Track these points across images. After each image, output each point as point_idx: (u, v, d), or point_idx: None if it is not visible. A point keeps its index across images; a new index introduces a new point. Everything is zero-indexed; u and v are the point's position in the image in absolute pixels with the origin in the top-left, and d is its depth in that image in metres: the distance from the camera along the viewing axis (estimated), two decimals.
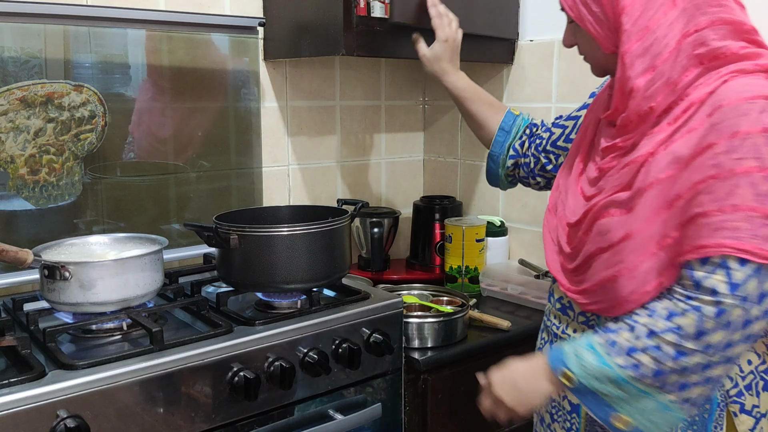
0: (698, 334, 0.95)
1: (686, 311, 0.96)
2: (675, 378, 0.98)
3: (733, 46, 1.00)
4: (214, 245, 1.37)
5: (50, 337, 1.18)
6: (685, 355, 0.96)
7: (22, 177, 1.50)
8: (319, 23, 1.64)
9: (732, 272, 0.94)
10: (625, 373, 0.99)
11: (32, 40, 1.47)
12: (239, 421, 1.23)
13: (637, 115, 1.06)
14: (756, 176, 0.92)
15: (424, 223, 2.02)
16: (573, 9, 1.11)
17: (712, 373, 0.98)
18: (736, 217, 0.93)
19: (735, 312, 0.93)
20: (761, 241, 0.92)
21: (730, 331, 0.94)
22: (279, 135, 1.92)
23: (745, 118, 0.94)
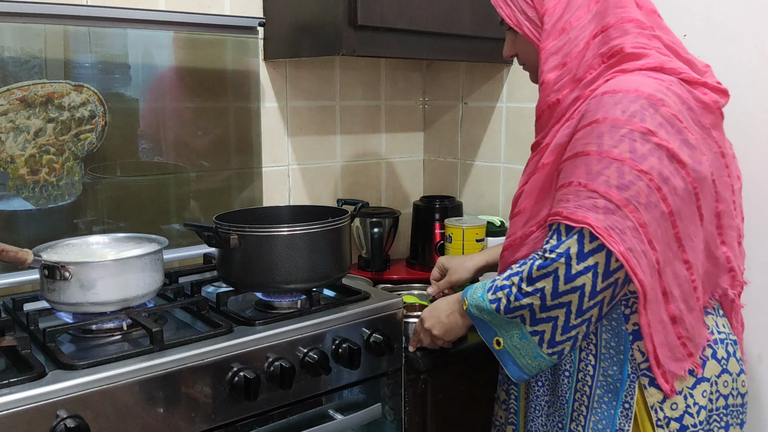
0: (529, 279, 1.14)
1: (527, 261, 1.16)
2: (524, 313, 1.17)
3: (627, 43, 1.14)
4: (214, 245, 1.37)
5: (50, 337, 1.18)
6: (524, 295, 1.15)
7: (22, 177, 1.50)
8: (319, 23, 1.64)
9: (560, 235, 1.12)
10: (490, 305, 1.20)
11: (32, 40, 1.47)
12: (239, 421, 1.23)
13: (546, 105, 1.22)
14: (592, 158, 1.08)
15: (424, 223, 2.02)
16: (511, 18, 1.25)
17: (552, 314, 1.14)
18: (569, 190, 1.11)
19: (555, 265, 1.11)
20: (583, 210, 1.08)
21: (555, 281, 1.11)
22: (279, 135, 1.92)
23: (602, 109, 1.09)
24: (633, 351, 1.16)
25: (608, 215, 1.06)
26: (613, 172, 1.06)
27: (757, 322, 1.60)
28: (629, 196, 1.06)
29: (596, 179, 1.07)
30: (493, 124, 2.06)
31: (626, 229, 1.06)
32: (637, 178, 1.06)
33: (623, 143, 1.06)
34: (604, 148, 1.07)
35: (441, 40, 1.76)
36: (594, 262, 1.09)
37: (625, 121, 1.07)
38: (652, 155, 1.06)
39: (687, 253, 1.12)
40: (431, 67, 2.23)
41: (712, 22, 1.59)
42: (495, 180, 2.07)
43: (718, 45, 1.59)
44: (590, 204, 1.07)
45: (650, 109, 1.07)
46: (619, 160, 1.06)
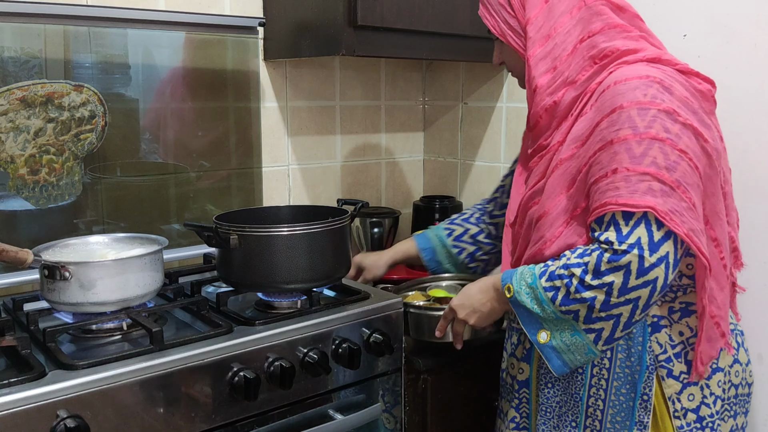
0: (596, 272, 1.08)
1: (591, 252, 1.10)
2: (580, 308, 1.11)
3: (618, 44, 1.17)
4: (214, 245, 1.37)
5: (50, 337, 1.18)
6: (587, 288, 1.09)
7: (22, 177, 1.50)
8: (319, 23, 1.64)
9: (619, 225, 1.07)
10: (545, 294, 1.14)
11: (32, 40, 1.47)
12: (239, 421, 1.23)
13: (543, 110, 1.23)
14: (631, 142, 1.07)
15: (424, 223, 2.02)
16: (495, 28, 1.29)
17: (615, 312, 1.09)
18: (617, 178, 1.07)
19: (627, 258, 1.05)
20: (639, 195, 1.05)
21: (626, 275, 1.05)
22: (279, 135, 1.92)
23: (621, 96, 1.10)
24: (651, 343, 1.16)
25: (666, 198, 1.05)
26: (658, 152, 1.05)
27: (757, 322, 1.60)
28: (679, 177, 1.05)
29: (643, 161, 1.05)
30: (493, 124, 2.06)
31: (683, 210, 1.05)
32: (679, 157, 1.06)
33: (656, 123, 1.06)
34: (639, 129, 1.06)
35: (441, 40, 1.76)
36: (666, 251, 1.05)
37: (649, 102, 1.07)
38: (683, 134, 1.07)
39: (714, 230, 1.13)
40: (431, 67, 2.23)
41: (712, 22, 1.59)
42: (495, 180, 2.07)
43: (718, 45, 1.59)
44: (645, 188, 1.05)
45: (666, 93, 1.09)
46: (659, 140, 1.05)
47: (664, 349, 1.17)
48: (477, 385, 1.54)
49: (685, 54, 1.64)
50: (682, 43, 1.65)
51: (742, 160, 1.57)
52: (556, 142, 1.21)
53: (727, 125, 1.59)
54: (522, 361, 1.33)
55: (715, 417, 1.17)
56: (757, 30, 1.52)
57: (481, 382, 1.52)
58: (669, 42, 1.68)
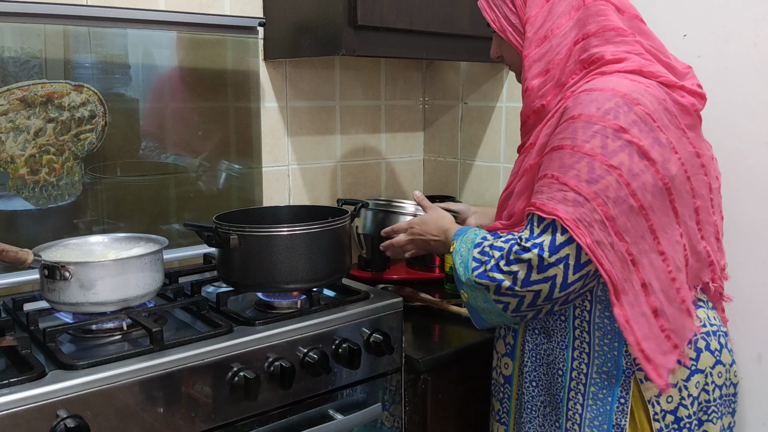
0: (507, 259, 1.16)
1: (508, 240, 1.18)
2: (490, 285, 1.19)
3: (607, 51, 1.18)
4: (214, 245, 1.37)
5: (50, 337, 1.18)
6: (500, 271, 1.17)
7: (22, 177, 1.50)
8: (319, 23, 1.64)
9: (533, 226, 1.15)
10: (471, 263, 1.22)
11: (32, 40, 1.47)
12: (239, 421, 1.23)
13: (532, 111, 1.26)
14: (565, 152, 1.12)
15: None
16: (496, 22, 1.29)
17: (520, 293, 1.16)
18: (543, 183, 1.15)
19: (528, 255, 1.13)
20: (553, 203, 1.12)
21: (528, 269, 1.14)
22: (279, 135, 1.92)
23: (579, 106, 1.13)
24: (627, 346, 1.16)
25: (577, 207, 1.10)
26: (584, 166, 1.10)
27: (757, 322, 1.60)
28: (598, 189, 1.09)
29: (568, 172, 1.11)
30: (493, 124, 2.06)
31: (594, 222, 1.09)
32: (606, 172, 1.09)
33: (595, 139, 1.10)
34: (577, 142, 1.11)
35: (441, 40, 1.76)
36: (565, 254, 1.12)
37: (599, 117, 1.10)
38: (622, 151, 1.09)
39: (662, 245, 1.15)
40: (431, 67, 2.22)
41: (712, 22, 1.59)
42: (495, 180, 2.07)
43: (718, 45, 1.59)
44: (561, 196, 1.11)
45: (624, 107, 1.10)
46: (590, 155, 1.09)
47: None
48: (477, 385, 1.54)
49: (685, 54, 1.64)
50: (682, 43, 1.65)
51: (741, 160, 1.57)
52: (530, 143, 1.24)
53: (727, 125, 1.59)
54: (505, 356, 1.36)
55: (692, 418, 1.18)
56: (757, 30, 1.52)
57: (481, 382, 1.52)
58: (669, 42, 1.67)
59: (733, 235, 1.60)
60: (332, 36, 1.61)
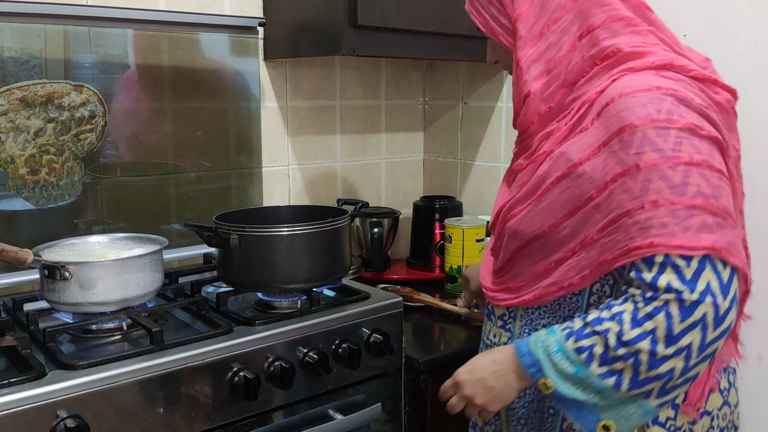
0: (669, 338, 0.90)
1: (652, 314, 0.91)
2: (655, 385, 0.94)
3: (622, 43, 1.02)
4: (214, 245, 1.37)
5: (50, 337, 1.18)
6: (661, 360, 0.91)
7: (22, 177, 1.50)
8: (319, 23, 1.64)
9: (680, 268, 0.90)
10: (604, 383, 0.94)
11: (32, 40, 1.47)
12: (239, 421, 1.23)
13: (537, 116, 1.08)
14: (663, 168, 0.91)
15: (424, 223, 2.02)
16: (485, 25, 1.15)
17: (692, 374, 0.93)
18: (660, 213, 0.91)
19: (703, 309, 0.89)
20: (693, 234, 0.90)
21: (704, 330, 0.89)
22: (279, 135, 1.92)
23: (629, 111, 0.94)
24: None
25: (722, 230, 0.91)
26: (699, 179, 0.91)
27: (757, 322, 1.60)
28: (725, 202, 0.93)
29: (686, 191, 0.90)
30: (493, 124, 2.06)
31: (736, 239, 0.93)
32: (719, 180, 0.93)
33: (684, 144, 0.92)
34: (667, 153, 0.91)
35: (441, 40, 1.76)
36: (734, 292, 0.91)
37: (665, 120, 0.93)
38: (713, 151, 0.94)
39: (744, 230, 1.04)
40: (431, 67, 2.23)
41: (712, 22, 1.59)
42: (495, 180, 2.07)
43: (718, 45, 1.59)
44: (698, 223, 0.90)
45: (681, 105, 0.95)
46: (695, 164, 0.91)
47: None
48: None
49: None
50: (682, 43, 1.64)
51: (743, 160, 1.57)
52: (543, 151, 1.06)
53: None
54: None
55: None
56: (757, 30, 1.52)
57: None
58: None
59: None
60: (332, 36, 1.61)
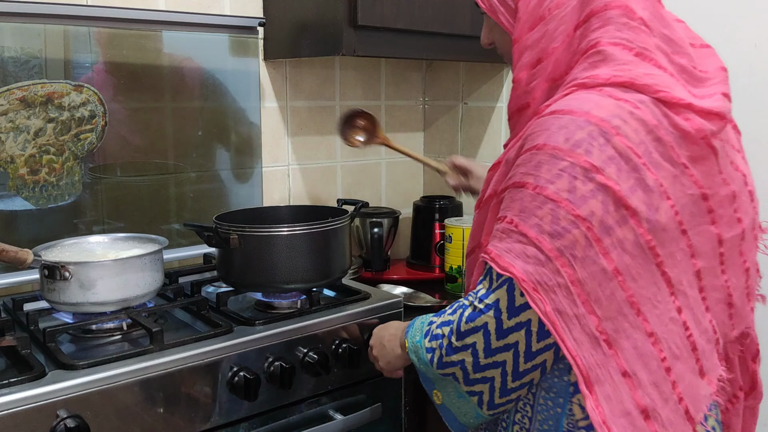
0: (459, 332, 0.99)
1: (456, 309, 1.01)
2: (455, 370, 1.01)
3: (604, 38, 0.94)
4: (214, 245, 1.37)
5: (50, 337, 1.18)
6: (454, 351, 0.99)
7: (22, 177, 1.50)
8: (319, 23, 1.64)
9: (491, 279, 0.96)
10: (426, 355, 1.05)
11: (32, 40, 1.47)
12: (239, 421, 1.23)
13: (516, 108, 1.06)
14: (526, 192, 0.92)
15: (424, 223, 2.02)
16: (484, 2, 1.08)
17: (488, 374, 0.98)
18: (501, 227, 0.95)
19: (484, 319, 0.95)
20: (512, 257, 0.92)
21: (486, 336, 0.96)
22: (279, 135, 1.92)
23: (545, 132, 0.92)
24: (572, 405, 0.97)
25: (537, 267, 0.89)
26: (547, 214, 0.89)
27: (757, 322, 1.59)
28: (562, 246, 0.88)
29: (528, 220, 0.91)
30: (493, 124, 2.06)
31: (556, 286, 0.89)
32: (572, 224, 0.88)
33: (561, 179, 0.88)
34: (540, 182, 0.90)
35: (441, 40, 1.76)
36: (527, 318, 0.93)
37: (567, 151, 0.89)
38: (594, 197, 0.87)
39: (650, 323, 0.91)
40: (431, 67, 2.22)
41: (712, 22, 1.59)
42: None
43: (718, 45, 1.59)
44: (519, 250, 0.91)
45: (600, 139, 0.88)
46: (553, 200, 0.89)
47: (586, 415, 0.94)
48: None
49: None
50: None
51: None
52: (497, 161, 1.05)
53: None
54: None
55: None
56: (757, 30, 1.52)
57: None
58: None
59: None
60: (332, 36, 1.61)
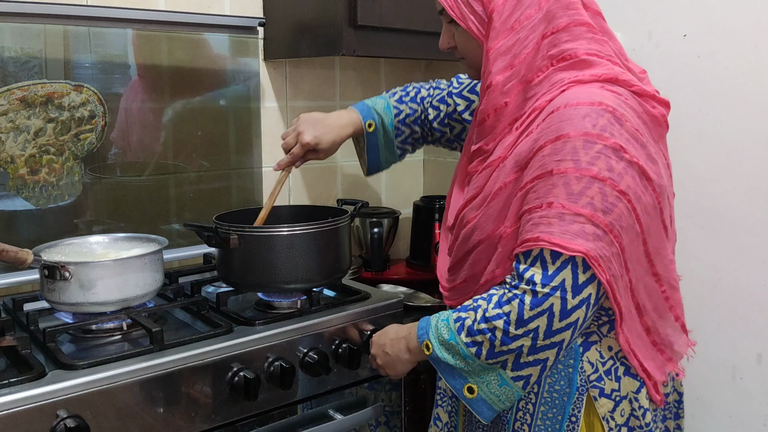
0: (520, 321, 1.04)
1: (511, 300, 1.05)
2: (508, 357, 1.07)
3: (581, 48, 1.08)
4: (214, 245, 1.37)
5: (50, 337, 1.18)
6: (512, 339, 1.05)
7: (22, 177, 1.50)
8: (319, 23, 1.64)
9: (546, 263, 1.03)
10: (468, 350, 1.09)
11: (32, 40, 1.47)
12: (239, 421, 1.23)
13: (493, 109, 1.14)
14: (570, 177, 1.01)
15: (424, 223, 2.02)
16: (454, 9, 1.15)
17: (541, 356, 1.06)
18: (551, 213, 1.02)
19: (550, 300, 1.02)
20: (571, 237, 1.00)
21: (550, 318, 1.02)
22: (279, 135, 1.92)
23: (568, 122, 1.02)
24: (582, 363, 1.11)
25: (597, 242, 1.00)
26: (596, 192, 1.00)
27: (757, 322, 1.60)
28: (613, 219, 1.01)
29: (579, 200, 1.00)
30: None
31: (612, 255, 1.02)
32: (617, 199, 1.01)
33: (600, 160, 1.00)
34: (582, 165, 1.00)
35: None
36: (588, 294, 1.03)
37: (596, 135, 1.01)
38: (627, 174, 1.02)
39: (656, 267, 1.10)
40: (431, 67, 2.22)
41: (712, 22, 1.59)
42: None
43: (718, 45, 1.59)
44: (578, 229, 1.00)
45: (617, 125, 1.02)
46: (600, 179, 1.00)
47: (595, 368, 1.11)
48: None
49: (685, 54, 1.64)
50: (682, 43, 1.65)
51: (741, 160, 1.57)
52: (497, 157, 1.13)
53: (727, 126, 1.59)
54: None
55: (644, 429, 1.12)
56: (757, 30, 1.52)
57: None
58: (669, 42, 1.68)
59: (734, 235, 1.61)
60: (332, 36, 1.61)
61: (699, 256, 1.66)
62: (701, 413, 1.71)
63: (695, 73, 1.63)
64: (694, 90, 1.63)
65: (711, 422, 1.70)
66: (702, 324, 1.69)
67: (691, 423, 1.72)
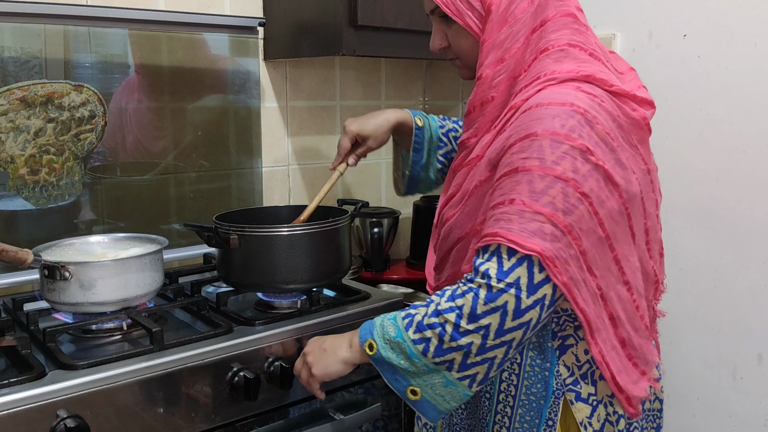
0: (473, 315, 1.00)
1: (465, 293, 1.02)
2: (456, 356, 1.02)
3: (564, 38, 1.07)
4: (214, 245, 1.37)
5: (50, 337, 1.18)
6: (462, 334, 1.00)
7: (22, 177, 1.50)
8: (319, 23, 1.64)
9: (503, 260, 1.00)
10: (415, 347, 1.04)
11: (32, 40, 1.47)
12: (239, 421, 1.23)
13: (480, 102, 1.13)
14: (534, 174, 0.99)
15: (424, 223, 2.02)
16: (450, 6, 1.12)
17: (490, 355, 1.02)
18: (512, 210, 1.00)
19: (504, 297, 0.99)
20: (528, 235, 0.98)
21: (503, 316, 0.99)
22: (279, 135, 1.92)
23: (538, 122, 1.01)
24: (558, 366, 1.10)
25: (555, 242, 0.98)
26: (558, 192, 0.98)
27: (757, 322, 1.60)
28: (573, 221, 0.99)
29: (540, 199, 0.99)
30: None
31: (569, 258, 0.99)
32: (579, 201, 0.99)
33: (565, 160, 0.98)
34: (546, 164, 0.99)
35: None
36: (543, 294, 1.00)
37: (564, 135, 0.99)
38: (591, 177, 1.00)
39: (626, 275, 1.08)
40: (431, 67, 2.22)
41: (712, 22, 1.59)
42: None
43: (718, 45, 1.59)
44: (536, 228, 0.98)
45: (586, 127, 1.00)
46: (563, 180, 0.98)
47: (571, 372, 1.10)
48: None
49: (685, 54, 1.65)
50: (682, 43, 1.65)
51: (741, 160, 1.58)
52: (476, 155, 1.13)
53: (727, 126, 1.59)
54: None
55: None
56: (757, 30, 1.52)
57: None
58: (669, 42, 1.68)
59: (734, 235, 1.61)
60: (332, 36, 1.61)
61: (699, 256, 1.66)
62: (701, 413, 1.71)
63: (695, 73, 1.63)
64: (694, 90, 1.63)
65: (711, 422, 1.70)
66: (702, 324, 1.69)
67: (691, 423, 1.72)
